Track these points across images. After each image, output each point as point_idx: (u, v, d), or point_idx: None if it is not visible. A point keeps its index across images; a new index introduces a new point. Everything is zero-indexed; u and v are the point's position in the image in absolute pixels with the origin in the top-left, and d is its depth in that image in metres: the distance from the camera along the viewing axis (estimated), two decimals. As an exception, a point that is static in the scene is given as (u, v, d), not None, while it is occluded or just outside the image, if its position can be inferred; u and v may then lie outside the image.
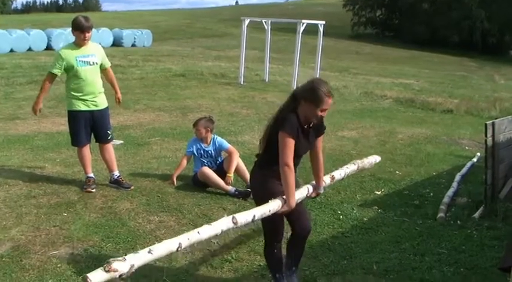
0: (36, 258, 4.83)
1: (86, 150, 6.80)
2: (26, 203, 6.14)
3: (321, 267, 4.95)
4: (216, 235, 3.76)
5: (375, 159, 5.62)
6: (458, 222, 6.16)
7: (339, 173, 4.95)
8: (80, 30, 6.35)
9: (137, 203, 6.34)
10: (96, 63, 6.54)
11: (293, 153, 3.91)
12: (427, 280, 4.78)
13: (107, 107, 6.78)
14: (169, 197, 6.57)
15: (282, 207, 3.95)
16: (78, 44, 6.48)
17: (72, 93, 6.50)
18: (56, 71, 6.45)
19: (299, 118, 3.99)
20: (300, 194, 4.26)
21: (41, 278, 4.49)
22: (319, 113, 3.97)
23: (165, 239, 5.31)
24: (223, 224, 3.70)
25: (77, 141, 6.73)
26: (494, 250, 5.41)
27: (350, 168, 5.13)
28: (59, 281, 4.47)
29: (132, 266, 3.10)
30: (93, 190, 6.64)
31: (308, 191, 4.38)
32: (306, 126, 4.07)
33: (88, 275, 2.92)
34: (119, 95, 7.07)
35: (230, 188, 6.74)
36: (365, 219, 6.24)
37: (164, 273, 4.65)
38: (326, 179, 4.64)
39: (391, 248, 5.41)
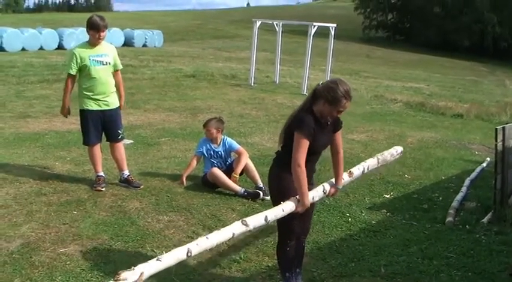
0: (46, 255, 4.87)
1: (97, 149, 6.84)
2: (36, 200, 6.18)
3: (328, 269, 4.96)
4: (228, 240, 3.77)
5: (395, 150, 5.45)
6: (467, 226, 6.14)
7: (357, 168, 4.84)
8: (96, 30, 6.38)
9: (146, 202, 6.37)
10: (109, 63, 6.57)
11: (306, 153, 3.92)
12: (435, 284, 4.78)
13: (118, 107, 6.82)
14: (178, 197, 6.59)
15: (296, 207, 3.97)
16: (92, 43, 6.51)
17: (85, 92, 6.55)
18: (72, 71, 6.49)
19: (315, 115, 4.02)
20: (317, 192, 4.25)
21: (50, 275, 4.52)
22: (335, 113, 4.02)
23: (174, 238, 5.38)
24: (235, 228, 3.70)
25: (88, 140, 6.77)
26: (502, 255, 5.40)
27: (369, 162, 5.00)
28: (68, 278, 4.50)
29: (142, 274, 3.11)
30: (103, 189, 6.67)
31: (324, 188, 4.35)
32: (323, 122, 4.09)
33: None
34: (122, 101, 6.94)
35: (239, 189, 6.75)
36: (373, 222, 6.24)
37: (173, 272, 4.66)
38: (344, 176, 4.59)
39: (399, 251, 5.41)
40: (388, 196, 7.24)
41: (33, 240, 5.17)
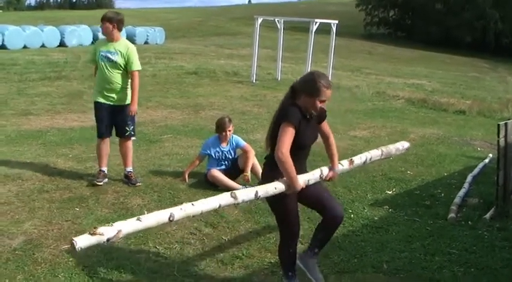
0: (49, 252, 4.88)
1: (104, 143, 6.89)
2: (38, 197, 6.19)
3: (331, 265, 4.96)
4: (214, 210, 3.76)
5: (402, 145, 5.36)
6: (469, 222, 6.14)
7: (359, 158, 4.77)
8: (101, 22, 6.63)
9: (149, 199, 6.38)
10: (116, 62, 6.55)
11: (290, 141, 3.88)
12: (437, 280, 4.78)
13: (128, 105, 6.77)
14: (180, 194, 6.60)
15: (285, 190, 3.92)
16: (107, 38, 6.67)
17: (95, 84, 6.81)
18: (90, 62, 6.93)
19: (301, 109, 4.01)
20: (313, 175, 4.20)
21: (53, 272, 4.53)
22: (319, 104, 4.00)
23: (176, 235, 5.40)
24: (222, 198, 3.68)
25: (98, 132, 6.87)
26: (505, 251, 5.40)
27: (372, 153, 4.91)
28: (70, 275, 4.50)
29: (120, 231, 3.10)
30: (100, 183, 6.71)
31: (322, 172, 4.29)
32: (308, 117, 4.07)
33: (74, 238, 2.95)
34: (132, 106, 6.75)
35: (240, 188, 6.74)
36: (376, 218, 6.24)
37: (175, 268, 4.68)
38: (344, 163, 4.56)
39: (401, 248, 5.41)
40: (390, 192, 7.24)
41: (35, 237, 5.18)
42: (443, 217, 6.30)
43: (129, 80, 6.67)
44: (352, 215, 6.25)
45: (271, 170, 4.10)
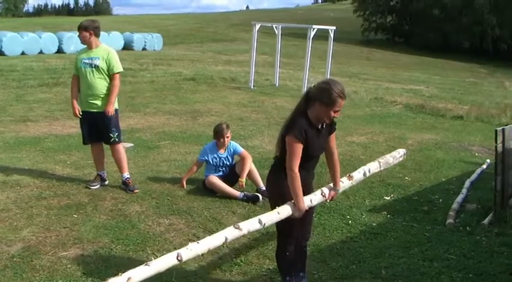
0: (47, 259, 4.87)
1: (94, 149, 7.05)
2: (36, 204, 6.19)
3: (329, 271, 4.96)
4: (222, 244, 3.77)
5: (398, 152, 5.41)
6: (468, 228, 6.14)
7: (358, 172, 4.81)
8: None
9: (147, 205, 6.37)
10: (97, 66, 6.60)
11: (299, 157, 3.91)
12: (436, 286, 4.78)
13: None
14: (179, 200, 6.59)
15: (292, 212, 3.96)
16: (87, 46, 6.76)
17: (79, 93, 6.80)
18: (74, 72, 6.87)
19: (309, 119, 4.00)
20: (315, 196, 4.24)
21: (51, 279, 4.53)
22: (332, 114, 3.97)
23: (175, 241, 5.39)
24: (227, 233, 3.70)
25: (82, 138, 7.03)
26: (503, 256, 5.39)
27: (370, 166, 4.96)
28: (69, 282, 4.51)
29: (130, 279, 3.10)
30: (93, 188, 6.80)
31: (323, 192, 4.33)
32: (319, 127, 4.07)
33: None
34: (108, 107, 6.66)
35: (238, 194, 6.74)
36: (374, 224, 6.24)
37: (174, 275, 4.67)
38: (343, 180, 4.58)
39: (399, 253, 5.41)
40: (388, 198, 7.24)
41: (33, 243, 5.17)
42: (442, 223, 6.30)
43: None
44: (350, 221, 6.26)
45: (275, 174, 4.19)
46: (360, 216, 6.46)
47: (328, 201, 4.50)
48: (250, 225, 3.81)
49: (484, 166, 8.97)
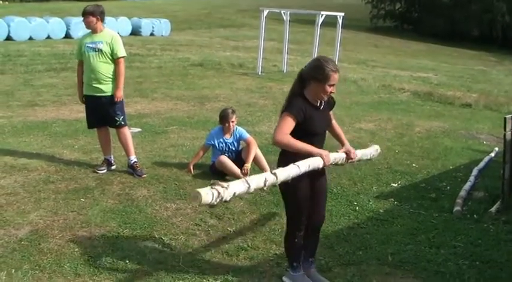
0: (54, 242, 4.90)
1: (100, 133, 7.08)
2: (44, 188, 6.21)
3: (336, 257, 4.97)
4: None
5: (375, 148, 5.17)
6: (475, 216, 6.13)
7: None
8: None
9: (154, 190, 6.39)
10: (100, 50, 6.61)
11: (288, 130, 3.94)
12: (442, 272, 4.78)
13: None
14: (186, 185, 6.60)
15: (319, 163, 3.99)
16: (92, 31, 6.75)
17: (83, 77, 6.81)
18: (75, 57, 6.87)
19: (307, 99, 4.06)
20: (338, 154, 4.30)
21: (59, 262, 4.56)
22: (328, 89, 4.02)
23: (182, 226, 5.42)
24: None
25: (87, 123, 7.07)
26: (510, 244, 5.39)
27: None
28: (76, 265, 4.53)
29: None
30: (100, 172, 6.81)
31: (339, 154, 4.33)
32: (317, 104, 4.12)
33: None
34: (117, 91, 6.73)
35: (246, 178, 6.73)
36: (381, 211, 6.24)
37: (180, 259, 4.69)
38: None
39: (406, 240, 5.41)
40: (395, 185, 7.23)
41: (41, 227, 5.20)
42: (449, 210, 6.29)
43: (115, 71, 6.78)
44: (357, 208, 6.26)
45: (284, 156, 4.16)
46: (367, 202, 6.46)
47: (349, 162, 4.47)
48: (286, 174, 3.83)
49: (492, 154, 8.93)
